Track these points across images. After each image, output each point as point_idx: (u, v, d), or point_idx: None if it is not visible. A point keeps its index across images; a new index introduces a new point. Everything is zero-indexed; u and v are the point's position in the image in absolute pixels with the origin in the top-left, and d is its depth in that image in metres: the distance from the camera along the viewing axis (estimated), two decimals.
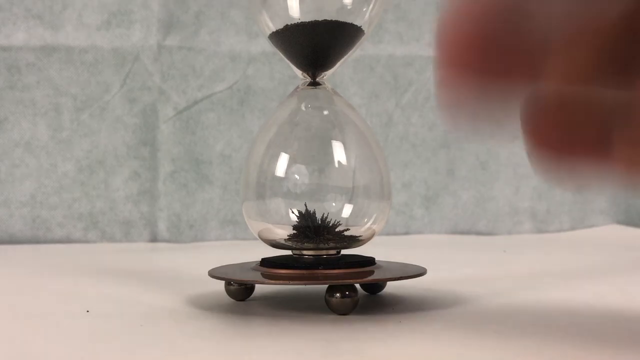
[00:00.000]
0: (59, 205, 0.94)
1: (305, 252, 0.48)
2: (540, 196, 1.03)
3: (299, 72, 0.51)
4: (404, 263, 0.52)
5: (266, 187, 0.48)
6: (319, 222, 0.48)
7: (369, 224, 0.49)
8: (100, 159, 0.95)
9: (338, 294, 0.45)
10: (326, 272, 0.46)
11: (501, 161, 1.03)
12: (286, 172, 0.48)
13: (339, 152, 0.48)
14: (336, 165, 0.48)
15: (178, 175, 0.96)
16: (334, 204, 0.48)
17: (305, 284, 0.46)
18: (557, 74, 0.24)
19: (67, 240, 0.94)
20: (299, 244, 0.48)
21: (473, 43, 0.24)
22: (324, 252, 0.48)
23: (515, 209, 1.03)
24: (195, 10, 0.97)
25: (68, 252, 0.86)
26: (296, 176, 0.48)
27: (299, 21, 0.48)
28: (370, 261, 0.49)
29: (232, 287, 0.50)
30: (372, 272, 0.48)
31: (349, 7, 0.48)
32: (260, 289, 0.52)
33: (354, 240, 0.49)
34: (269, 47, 0.55)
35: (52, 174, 0.94)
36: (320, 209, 0.47)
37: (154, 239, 0.96)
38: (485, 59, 0.24)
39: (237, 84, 0.98)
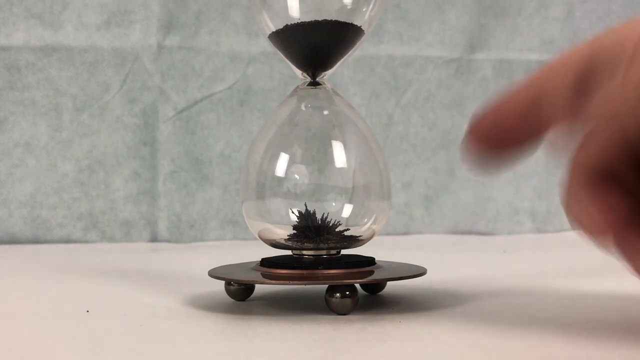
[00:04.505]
0: (59, 205, 0.94)
1: (305, 252, 0.48)
2: (540, 196, 1.03)
3: (298, 72, 0.51)
4: (404, 263, 0.52)
5: (266, 187, 0.48)
6: (319, 222, 0.48)
7: (369, 224, 0.49)
8: (100, 159, 0.95)
9: (338, 294, 0.45)
10: (326, 272, 0.46)
11: None
12: (286, 172, 0.48)
13: (339, 152, 0.48)
14: (336, 165, 0.48)
15: (178, 175, 0.96)
16: (334, 204, 0.48)
17: (305, 284, 0.46)
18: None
19: (67, 240, 0.94)
20: (299, 244, 0.48)
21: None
22: (324, 252, 0.48)
23: (515, 209, 1.03)
24: (195, 10, 0.97)
25: (68, 252, 0.86)
26: (296, 176, 0.48)
27: (299, 21, 0.48)
28: (370, 261, 0.49)
29: (232, 287, 0.50)
30: (372, 272, 0.48)
31: (349, 7, 0.48)
32: (260, 289, 0.52)
33: (354, 240, 0.49)
34: (269, 47, 0.55)
35: (52, 174, 0.94)
36: (320, 209, 0.48)
37: (154, 239, 0.96)
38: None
39: (237, 84, 0.98)
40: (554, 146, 0.38)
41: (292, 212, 0.48)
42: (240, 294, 0.50)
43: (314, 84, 0.51)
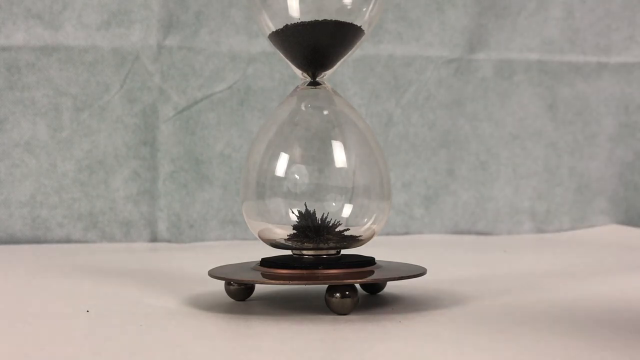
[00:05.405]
0: (59, 205, 0.94)
1: (305, 252, 0.48)
2: (540, 196, 1.03)
3: (298, 72, 0.51)
4: (404, 263, 0.52)
5: (266, 187, 0.48)
6: (319, 222, 0.48)
7: (369, 224, 0.49)
8: (100, 159, 0.95)
9: (338, 294, 0.45)
10: (326, 272, 0.46)
11: (501, 161, 1.03)
12: (286, 172, 0.48)
13: (339, 152, 0.48)
14: (336, 165, 0.48)
15: (178, 175, 0.96)
16: (334, 204, 0.48)
17: (305, 284, 0.46)
18: None
19: (67, 240, 0.94)
20: (299, 244, 0.48)
21: None
22: (324, 252, 0.48)
23: (515, 209, 1.03)
24: (195, 10, 0.97)
25: (68, 252, 0.86)
26: (296, 176, 0.48)
27: (299, 21, 0.48)
28: (370, 261, 0.49)
29: (232, 287, 0.50)
30: (372, 272, 0.48)
31: (348, 7, 0.48)
32: (260, 289, 0.52)
33: (354, 240, 0.49)
34: (269, 47, 0.56)
35: (52, 174, 0.94)
36: (320, 209, 0.48)
37: (154, 239, 0.96)
38: None
39: (237, 84, 0.98)
40: None
41: (292, 212, 0.48)
42: (240, 294, 0.50)
43: (314, 84, 0.51)
